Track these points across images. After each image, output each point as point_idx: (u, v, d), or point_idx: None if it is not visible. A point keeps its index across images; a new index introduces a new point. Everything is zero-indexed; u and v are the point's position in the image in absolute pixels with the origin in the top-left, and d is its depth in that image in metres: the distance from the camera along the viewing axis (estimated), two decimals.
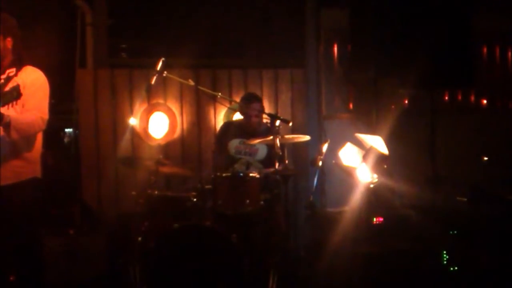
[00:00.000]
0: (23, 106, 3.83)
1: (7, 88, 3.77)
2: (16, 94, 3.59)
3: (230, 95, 6.29)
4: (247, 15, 6.59)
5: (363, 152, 5.25)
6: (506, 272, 4.76)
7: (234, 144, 5.37)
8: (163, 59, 4.70)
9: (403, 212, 5.11)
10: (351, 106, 6.80)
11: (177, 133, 6.31)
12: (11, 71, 3.91)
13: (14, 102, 3.71)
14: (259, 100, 5.43)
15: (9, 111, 3.74)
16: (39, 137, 4.02)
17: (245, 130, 5.36)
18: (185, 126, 6.35)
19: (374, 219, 5.02)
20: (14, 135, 3.75)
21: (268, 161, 5.17)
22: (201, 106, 6.37)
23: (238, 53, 6.73)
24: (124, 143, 6.16)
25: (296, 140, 5.03)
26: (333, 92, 6.73)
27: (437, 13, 5.61)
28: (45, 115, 3.93)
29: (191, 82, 5.03)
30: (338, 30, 6.62)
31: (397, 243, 4.88)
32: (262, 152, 5.31)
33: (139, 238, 4.67)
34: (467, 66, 5.69)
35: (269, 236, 4.78)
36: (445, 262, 4.91)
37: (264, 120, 5.31)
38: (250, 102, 5.34)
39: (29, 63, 3.99)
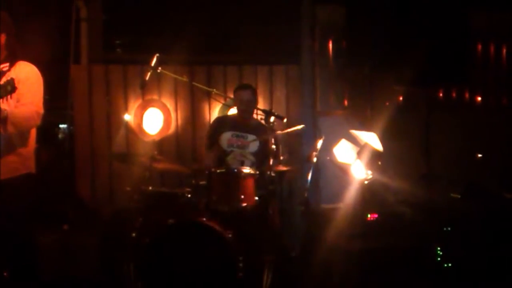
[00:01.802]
0: (18, 101, 3.83)
1: (0, 83, 3.76)
2: (10, 88, 3.59)
3: (225, 91, 6.28)
4: (242, 12, 6.58)
5: (358, 148, 5.26)
6: (499, 268, 4.78)
7: (226, 136, 5.36)
8: (157, 55, 4.70)
9: (397, 209, 5.13)
10: (345, 102, 6.80)
11: (172, 129, 6.30)
12: (5, 66, 3.90)
13: (9, 96, 3.71)
14: (249, 88, 5.41)
15: (3, 105, 3.73)
16: (33, 133, 4.02)
17: (237, 123, 5.37)
18: (179, 122, 6.34)
19: (369, 216, 5.04)
20: (10, 129, 3.75)
21: (260, 154, 5.18)
22: (196, 102, 6.36)
23: (233, 49, 6.71)
24: (119, 139, 6.15)
25: (289, 132, 5.00)
26: (328, 88, 6.73)
27: (432, 10, 5.62)
28: (40, 109, 3.93)
29: (185, 78, 5.03)
30: (333, 26, 6.62)
31: (391, 240, 4.89)
32: (254, 145, 5.31)
33: (134, 234, 4.66)
34: (462, 63, 5.71)
35: (264, 232, 4.78)
36: (439, 259, 4.92)
37: (259, 117, 5.31)
38: (239, 89, 5.38)
39: (22, 58, 3.98)
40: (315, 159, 5.24)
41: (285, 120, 5.07)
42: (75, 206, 5.86)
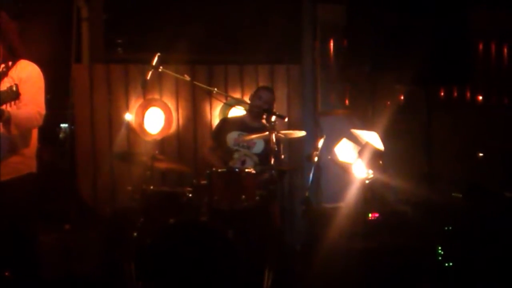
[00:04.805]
0: (20, 101, 3.81)
1: (2, 84, 3.76)
2: (13, 95, 3.58)
3: (226, 91, 6.29)
4: (243, 11, 6.58)
5: (359, 148, 5.26)
6: (500, 268, 4.78)
7: (232, 136, 5.39)
8: (159, 54, 4.70)
9: (398, 208, 5.13)
10: (347, 102, 6.80)
11: (173, 128, 6.30)
12: (5, 65, 3.89)
13: (13, 102, 3.71)
14: (272, 91, 5.51)
15: (7, 108, 3.73)
16: (35, 132, 4.02)
17: (245, 124, 5.39)
18: (180, 121, 6.34)
19: (370, 215, 5.03)
20: (14, 130, 3.75)
21: (264, 155, 5.18)
22: (197, 102, 6.36)
23: (234, 49, 6.71)
24: (120, 138, 6.14)
25: (292, 136, 5.04)
26: (329, 88, 6.73)
27: (433, 9, 5.61)
28: (42, 110, 3.93)
29: (187, 78, 5.03)
30: (334, 25, 6.62)
31: (392, 239, 4.89)
32: (259, 146, 5.33)
33: (135, 234, 4.67)
34: (463, 62, 5.68)
35: (265, 232, 4.78)
36: (440, 258, 4.92)
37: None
38: (262, 88, 5.49)
39: (23, 57, 3.97)
40: (316, 159, 5.25)
41: (286, 119, 5.08)
42: (76, 205, 5.87)
